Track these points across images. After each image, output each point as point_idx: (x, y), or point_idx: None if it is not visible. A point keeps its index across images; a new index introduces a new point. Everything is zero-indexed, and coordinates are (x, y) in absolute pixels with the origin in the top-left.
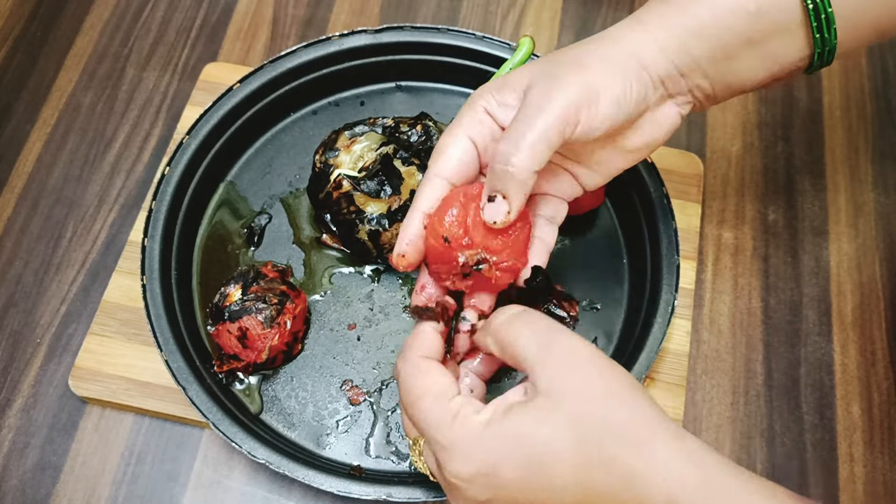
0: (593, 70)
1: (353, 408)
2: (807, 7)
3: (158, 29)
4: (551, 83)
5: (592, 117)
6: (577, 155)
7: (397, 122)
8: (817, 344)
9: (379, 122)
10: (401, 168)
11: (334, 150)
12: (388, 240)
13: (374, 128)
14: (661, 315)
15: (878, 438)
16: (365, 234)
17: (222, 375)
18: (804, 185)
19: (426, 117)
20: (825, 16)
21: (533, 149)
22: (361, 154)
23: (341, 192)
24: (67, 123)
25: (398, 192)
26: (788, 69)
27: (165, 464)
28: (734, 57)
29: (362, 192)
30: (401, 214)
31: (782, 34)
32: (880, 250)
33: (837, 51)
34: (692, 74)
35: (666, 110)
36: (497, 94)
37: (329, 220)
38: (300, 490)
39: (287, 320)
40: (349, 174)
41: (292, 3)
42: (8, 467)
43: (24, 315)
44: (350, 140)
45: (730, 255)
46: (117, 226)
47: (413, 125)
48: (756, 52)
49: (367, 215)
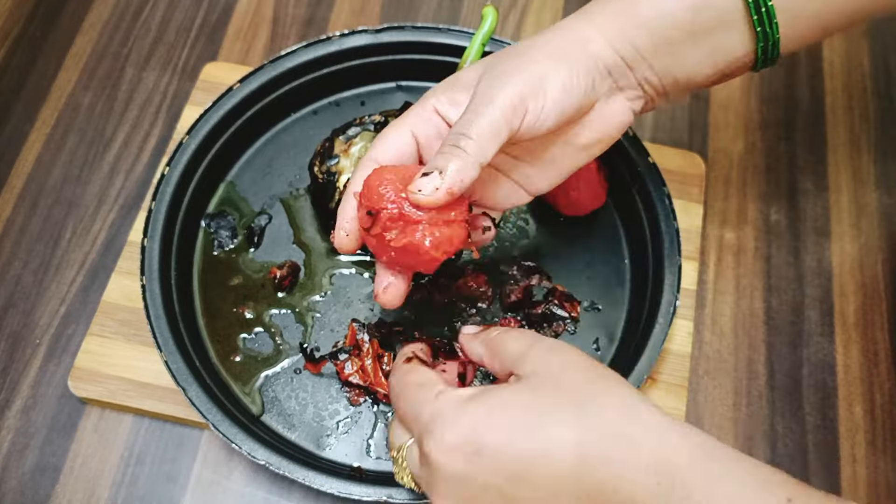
0: (539, 60)
1: (354, 409)
2: (746, 0)
3: (158, 29)
4: (498, 76)
5: (540, 106)
6: (528, 153)
7: (385, 116)
8: (819, 344)
9: (367, 119)
10: None
11: (333, 157)
12: None
13: (366, 126)
14: (662, 316)
15: (881, 439)
16: None
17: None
18: (806, 186)
19: (411, 106)
20: (766, 9)
21: (480, 140)
22: (360, 155)
23: None
24: (67, 123)
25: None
26: (734, 65)
27: (165, 465)
28: (678, 50)
29: None
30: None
31: (725, 28)
32: (883, 250)
33: (782, 48)
34: (638, 66)
35: (615, 105)
36: (449, 93)
37: None
38: (300, 491)
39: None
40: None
41: (292, 3)
42: (7, 468)
43: (23, 316)
44: (347, 144)
45: (732, 256)
46: (117, 226)
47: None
48: (700, 45)
49: None
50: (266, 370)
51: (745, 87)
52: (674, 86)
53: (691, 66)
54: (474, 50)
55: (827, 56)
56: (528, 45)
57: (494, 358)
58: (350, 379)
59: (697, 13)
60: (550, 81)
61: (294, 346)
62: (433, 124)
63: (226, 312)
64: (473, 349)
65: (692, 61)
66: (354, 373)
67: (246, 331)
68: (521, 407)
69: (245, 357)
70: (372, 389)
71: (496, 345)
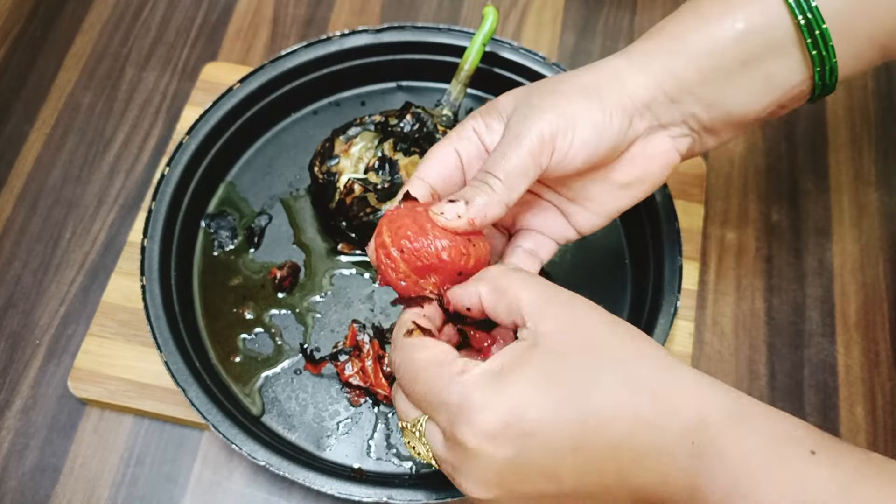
0: (571, 97)
1: (354, 409)
2: (798, 24)
3: (158, 29)
4: (530, 111)
5: (569, 144)
6: (567, 188)
7: (385, 115)
8: (821, 345)
9: (367, 119)
10: (402, 159)
11: (333, 157)
12: None
13: (366, 126)
14: (663, 316)
15: (882, 440)
16: None
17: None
18: (807, 186)
19: (411, 106)
20: (819, 31)
21: (508, 179)
22: (360, 155)
23: (354, 196)
24: (66, 123)
25: (402, 183)
26: (790, 93)
27: (165, 465)
28: (728, 80)
29: (375, 192)
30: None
31: (777, 54)
32: (884, 251)
33: (840, 73)
34: (684, 99)
35: (658, 142)
36: (486, 117)
37: (345, 228)
38: (300, 492)
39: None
40: (358, 177)
41: (292, 3)
42: (7, 469)
43: (23, 316)
44: (347, 144)
45: (733, 256)
46: (116, 226)
47: (401, 116)
48: (752, 74)
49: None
50: (266, 371)
51: None
52: (725, 120)
53: (743, 97)
54: (475, 50)
55: None
56: (563, 80)
57: (500, 301)
58: (350, 380)
59: (747, 40)
60: (581, 120)
61: (294, 346)
62: (473, 143)
63: (226, 313)
64: (466, 293)
65: (744, 91)
66: (355, 374)
67: (246, 331)
68: (562, 380)
69: (245, 358)
70: (372, 390)
71: (505, 287)
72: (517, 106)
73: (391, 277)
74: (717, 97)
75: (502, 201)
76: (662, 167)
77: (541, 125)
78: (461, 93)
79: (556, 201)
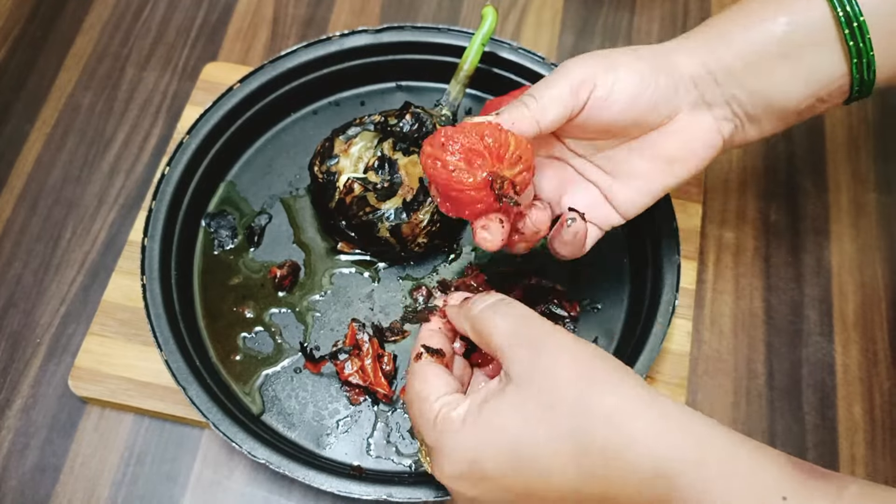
0: (622, 52)
1: (354, 408)
2: (837, 16)
3: (158, 29)
4: (581, 58)
5: (610, 85)
6: (609, 161)
7: (384, 115)
8: (819, 344)
9: (367, 119)
10: (402, 158)
11: (333, 156)
12: (409, 231)
13: (366, 126)
14: (661, 315)
15: (880, 439)
16: (387, 232)
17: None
18: (805, 185)
19: (411, 105)
20: (857, 24)
21: (542, 100)
22: (360, 155)
23: (354, 195)
24: (67, 123)
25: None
26: (829, 87)
27: (165, 464)
28: (771, 71)
29: (374, 191)
30: (417, 203)
31: (817, 46)
32: (882, 250)
33: (879, 71)
34: (727, 83)
35: (702, 119)
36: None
37: (344, 227)
38: (300, 490)
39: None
40: (358, 177)
41: (292, 3)
42: (7, 468)
43: (23, 315)
44: (346, 144)
45: (731, 255)
46: (117, 226)
47: (401, 116)
48: (792, 64)
49: (385, 212)
50: (266, 369)
51: None
52: (766, 110)
53: (785, 87)
54: (474, 50)
55: None
56: (616, 49)
57: (480, 339)
58: (350, 379)
59: (791, 35)
60: (626, 68)
61: (294, 345)
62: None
63: (226, 312)
64: (459, 324)
65: (785, 81)
66: (354, 373)
67: (246, 330)
68: (517, 425)
69: (245, 356)
70: (372, 389)
71: (480, 327)
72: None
73: (443, 177)
74: (759, 85)
75: (533, 118)
76: (706, 146)
77: (585, 60)
78: (460, 93)
79: (598, 178)
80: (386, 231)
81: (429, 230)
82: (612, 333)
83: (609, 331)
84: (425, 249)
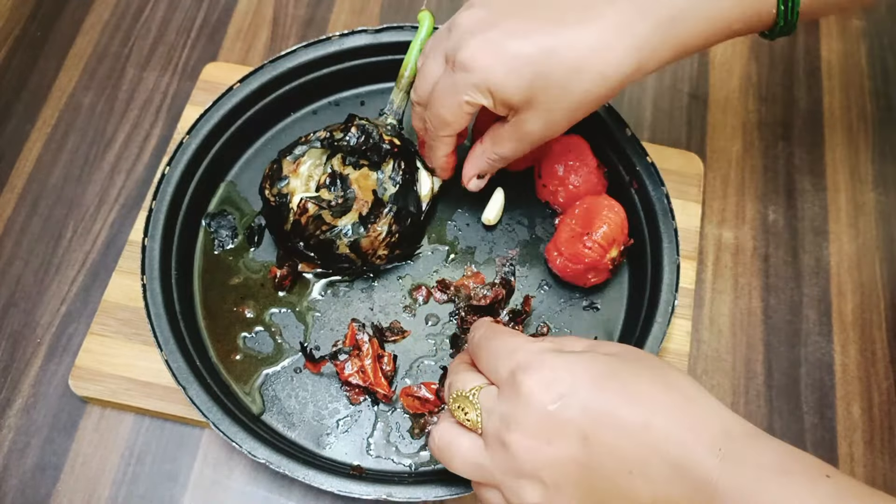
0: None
1: (354, 407)
2: None
3: (158, 29)
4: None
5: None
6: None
7: (330, 130)
8: (817, 344)
9: (312, 137)
10: (353, 172)
11: (283, 178)
12: (369, 245)
13: (312, 144)
14: (661, 315)
15: (879, 438)
16: (346, 248)
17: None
18: (804, 185)
19: (355, 118)
20: None
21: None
22: (310, 173)
23: (309, 215)
24: (67, 123)
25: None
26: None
27: (165, 464)
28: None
29: (329, 209)
30: (373, 216)
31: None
32: (880, 250)
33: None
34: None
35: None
36: None
37: (303, 248)
38: (300, 490)
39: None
40: (311, 196)
41: (292, 3)
42: (8, 467)
43: (24, 315)
44: (294, 163)
45: (730, 255)
46: (117, 226)
47: (346, 129)
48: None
49: (342, 229)
50: (266, 369)
51: (743, 88)
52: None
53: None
54: (413, 56)
55: (825, 56)
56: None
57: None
58: (350, 379)
59: None
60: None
61: (294, 345)
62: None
63: (226, 311)
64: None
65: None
66: (354, 373)
67: (246, 330)
68: (613, 363)
69: (245, 356)
70: (371, 389)
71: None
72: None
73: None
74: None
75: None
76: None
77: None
78: (403, 100)
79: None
80: (345, 247)
81: (388, 241)
82: (612, 333)
83: (609, 331)
84: (387, 261)
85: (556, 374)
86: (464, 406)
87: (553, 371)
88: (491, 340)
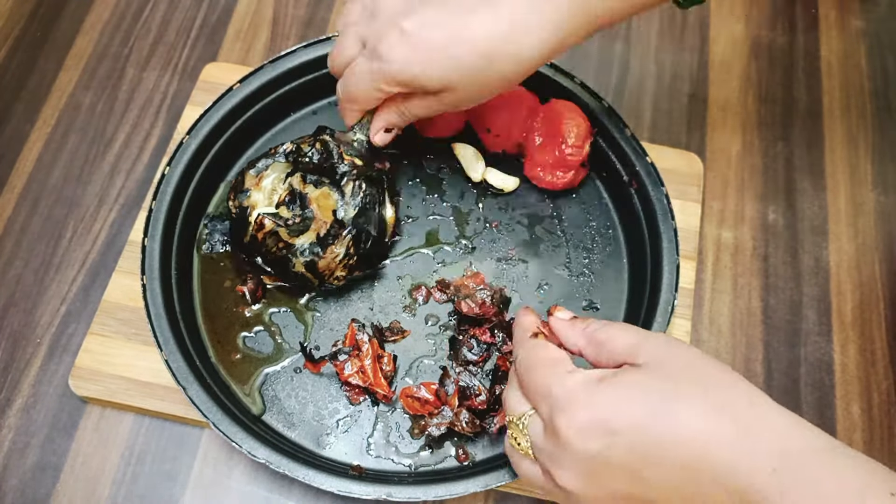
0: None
1: (354, 407)
2: None
3: (158, 29)
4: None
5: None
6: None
7: (297, 144)
8: (817, 344)
9: (280, 150)
10: (313, 191)
11: (244, 191)
12: (325, 266)
13: (277, 157)
14: (660, 315)
15: (878, 438)
16: (302, 267)
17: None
18: (804, 185)
19: (322, 132)
20: None
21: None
22: (273, 188)
23: (265, 231)
24: (67, 123)
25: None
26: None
27: (165, 464)
28: None
29: (286, 227)
30: (331, 237)
31: None
32: (880, 250)
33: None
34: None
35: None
36: None
37: (261, 262)
38: (300, 490)
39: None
40: (268, 212)
41: (292, 3)
42: (8, 467)
43: (24, 315)
44: (257, 177)
45: (729, 255)
46: (117, 226)
47: (312, 144)
48: None
49: (298, 247)
50: (266, 369)
51: (742, 88)
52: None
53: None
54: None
55: (825, 56)
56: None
57: (601, 351)
58: (350, 379)
59: None
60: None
61: (294, 345)
62: None
63: (226, 311)
64: (570, 339)
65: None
66: (354, 373)
67: (246, 330)
68: (654, 391)
69: (245, 356)
70: (371, 390)
71: (602, 339)
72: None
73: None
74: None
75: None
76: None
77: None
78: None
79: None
80: (301, 266)
81: (346, 263)
82: None
83: None
84: (345, 282)
85: (595, 415)
86: (515, 434)
87: (591, 411)
88: (529, 372)
